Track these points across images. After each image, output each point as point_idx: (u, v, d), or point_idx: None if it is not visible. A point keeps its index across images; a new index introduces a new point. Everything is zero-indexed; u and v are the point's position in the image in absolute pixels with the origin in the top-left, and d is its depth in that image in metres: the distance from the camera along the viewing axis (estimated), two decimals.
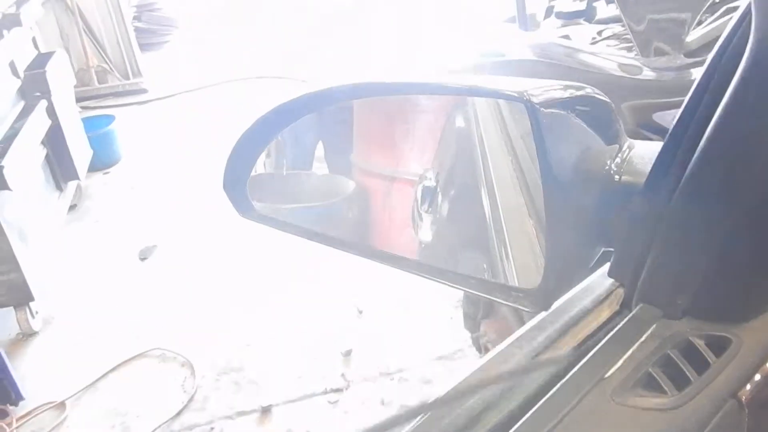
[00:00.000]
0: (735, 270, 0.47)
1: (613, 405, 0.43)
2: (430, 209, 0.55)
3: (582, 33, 1.50)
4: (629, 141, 0.55)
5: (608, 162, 0.52)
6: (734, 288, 0.48)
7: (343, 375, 2.30)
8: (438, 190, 0.55)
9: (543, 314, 0.52)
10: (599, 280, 0.56)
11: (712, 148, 0.45)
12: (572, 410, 0.43)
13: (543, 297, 0.49)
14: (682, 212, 0.47)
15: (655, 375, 0.44)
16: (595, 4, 1.67)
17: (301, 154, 0.62)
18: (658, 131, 1.12)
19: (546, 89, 0.46)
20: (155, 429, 2.14)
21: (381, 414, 2.13)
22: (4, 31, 2.81)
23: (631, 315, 0.50)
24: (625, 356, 0.46)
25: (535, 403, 0.44)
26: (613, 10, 1.48)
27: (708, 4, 1.22)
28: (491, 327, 1.78)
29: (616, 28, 1.46)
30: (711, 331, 0.47)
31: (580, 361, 0.47)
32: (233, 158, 0.58)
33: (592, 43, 1.43)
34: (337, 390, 2.25)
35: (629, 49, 1.30)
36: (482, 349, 1.98)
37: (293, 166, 0.64)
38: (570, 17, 1.63)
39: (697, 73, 1.09)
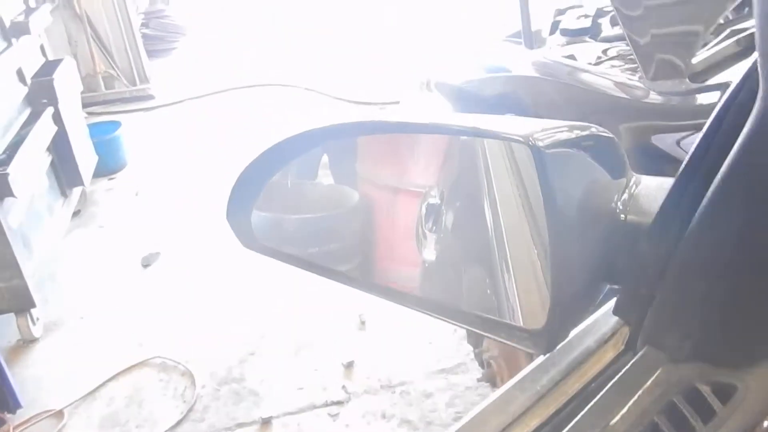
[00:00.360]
0: (744, 315, 0.46)
1: None
2: (434, 228, 0.55)
3: (587, 51, 1.49)
4: (635, 176, 0.55)
5: (614, 200, 0.52)
6: (742, 332, 0.47)
7: (344, 387, 2.29)
8: (442, 208, 0.55)
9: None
10: (604, 318, 0.56)
11: (726, 187, 0.44)
12: None
13: (547, 339, 0.48)
14: (691, 254, 0.46)
15: (660, 424, 0.43)
16: (600, 20, 1.66)
17: (305, 164, 0.61)
18: (656, 154, 1.10)
19: (551, 132, 0.45)
20: None
21: (382, 428, 2.12)
22: (13, 39, 2.83)
23: (636, 358, 0.49)
24: (630, 403, 0.45)
25: None
26: (619, 29, 1.47)
27: (721, 18, 1.19)
28: (494, 342, 1.77)
29: (622, 46, 1.45)
30: (717, 376, 0.46)
31: (584, 406, 0.46)
32: (237, 188, 0.58)
33: (597, 63, 1.42)
34: (338, 402, 2.24)
35: (634, 70, 1.29)
36: (484, 364, 1.97)
37: (298, 176, 0.63)
38: (575, 34, 1.62)
39: (703, 99, 1.08)
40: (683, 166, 0.46)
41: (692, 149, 0.45)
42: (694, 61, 1.13)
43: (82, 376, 2.43)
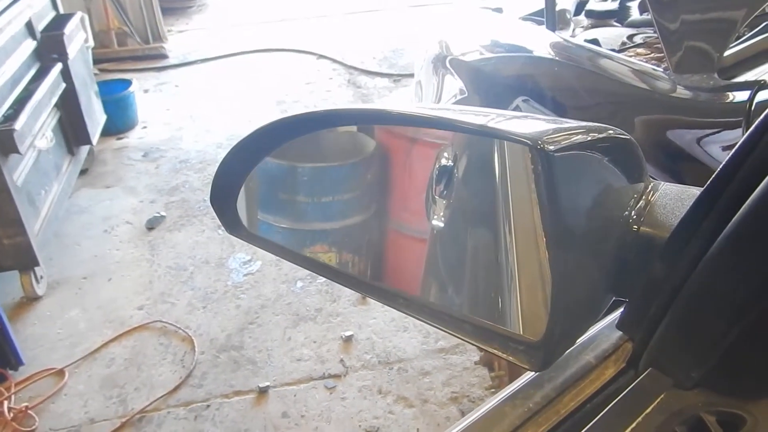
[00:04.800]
0: (759, 345, 0.43)
1: None
2: (444, 193, 0.51)
3: (611, 36, 1.42)
4: (653, 183, 0.51)
5: (628, 207, 0.48)
6: (754, 363, 0.44)
7: (342, 361, 2.29)
8: (454, 172, 0.51)
9: None
10: (606, 331, 0.52)
11: (762, 209, 0.39)
12: None
13: (544, 354, 0.44)
14: (712, 278, 0.42)
15: None
16: (629, 4, 1.58)
17: None
18: (671, 149, 1.05)
19: (564, 134, 0.41)
20: (151, 403, 2.15)
21: (378, 403, 2.12)
22: None
23: (638, 381, 0.46)
24: (628, 430, 0.42)
25: None
26: (648, 15, 1.39)
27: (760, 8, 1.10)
28: None
29: (649, 33, 1.38)
30: (724, 406, 0.43)
31: (578, 430, 0.43)
32: (223, 170, 0.54)
33: (621, 49, 1.35)
34: (336, 376, 2.24)
35: (660, 60, 1.22)
36: None
37: None
38: (600, 17, 1.54)
39: (732, 97, 1.02)
40: (713, 178, 0.41)
41: (726, 160, 0.41)
42: (726, 54, 1.06)
43: (83, 336, 2.44)
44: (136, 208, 3.22)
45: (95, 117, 3.33)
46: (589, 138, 0.44)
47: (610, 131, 0.45)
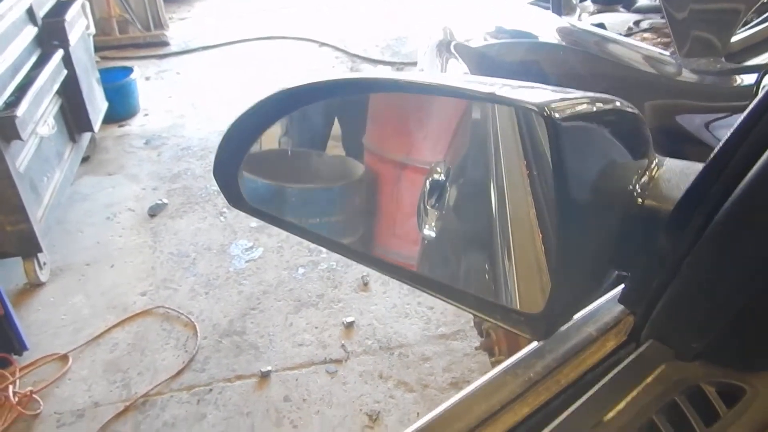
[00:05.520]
0: (760, 317, 0.43)
1: None
2: (436, 205, 0.52)
3: (618, 21, 1.41)
4: (658, 158, 0.51)
5: (632, 181, 0.48)
6: (756, 335, 0.44)
7: (343, 346, 2.30)
8: (447, 186, 0.52)
9: None
10: (608, 305, 0.53)
11: (762, 183, 0.40)
12: None
13: (545, 324, 0.45)
14: (714, 251, 0.42)
15: (658, 423, 0.41)
16: None
17: (310, 132, 0.58)
18: (680, 134, 1.05)
19: (570, 102, 0.41)
20: (155, 387, 2.16)
21: (379, 388, 2.13)
22: None
23: (638, 351, 0.46)
24: (628, 398, 0.43)
25: None
26: (654, 1, 1.39)
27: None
28: None
29: (656, 19, 1.37)
30: (724, 378, 0.44)
31: (578, 397, 0.44)
32: (226, 143, 0.55)
33: (628, 34, 1.34)
34: (337, 361, 2.25)
35: (666, 45, 1.21)
36: (483, 333, 1.96)
37: (301, 145, 0.60)
38: (607, 2, 1.54)
39: (739, 80, 1.01)
40: (715, 152, 0.42)
41: (728, 135, 0.41)
42: (733, 40, 1.06)
43: (86, 322, 2.45)
44: (138, 195, 3.22)
45: (97, 104, 3.32)
46: (595, 109, 0.44)
47: (617, 103, 0.46)
